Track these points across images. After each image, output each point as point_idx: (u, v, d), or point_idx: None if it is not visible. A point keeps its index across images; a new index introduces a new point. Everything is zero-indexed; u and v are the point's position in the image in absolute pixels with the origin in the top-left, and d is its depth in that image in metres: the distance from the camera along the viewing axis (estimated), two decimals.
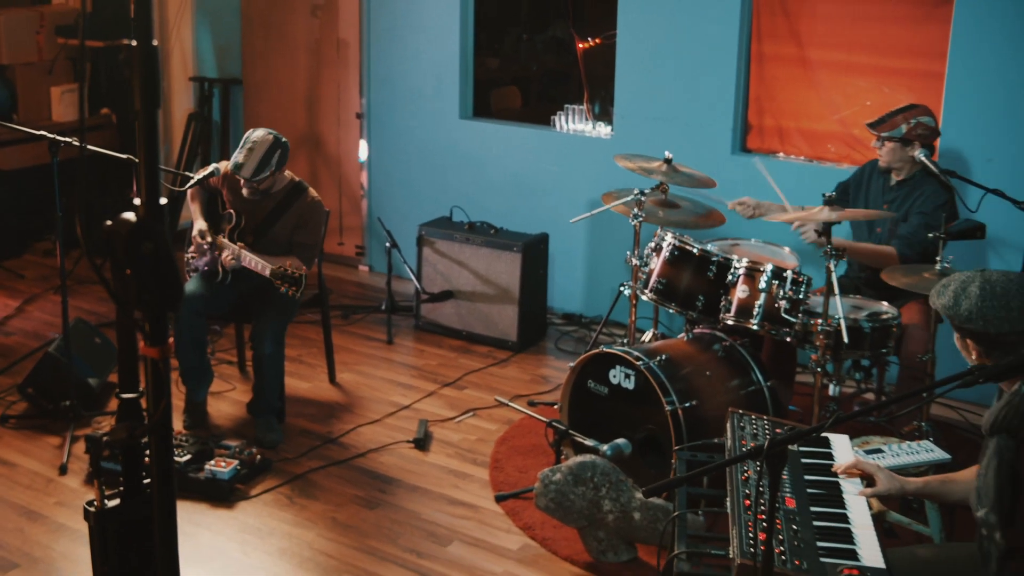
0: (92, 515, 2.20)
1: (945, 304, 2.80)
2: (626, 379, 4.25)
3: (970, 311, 2.75)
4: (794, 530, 2.75)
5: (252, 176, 4.69)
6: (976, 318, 2.74)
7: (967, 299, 2.76)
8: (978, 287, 2.77)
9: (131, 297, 2.01)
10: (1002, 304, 2.73)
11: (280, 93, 7.25)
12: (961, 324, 2.78)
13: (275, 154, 4.71)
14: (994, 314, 2.72)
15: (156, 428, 2.05)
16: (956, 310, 2.77)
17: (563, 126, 6.40)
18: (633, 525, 3.85)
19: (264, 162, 4.69)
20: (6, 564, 3.86)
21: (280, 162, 4.74)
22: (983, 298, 2.75)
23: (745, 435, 3.22)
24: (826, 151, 5.62)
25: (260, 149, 4.69)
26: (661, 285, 4.57)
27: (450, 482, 4.50)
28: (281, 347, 4.82)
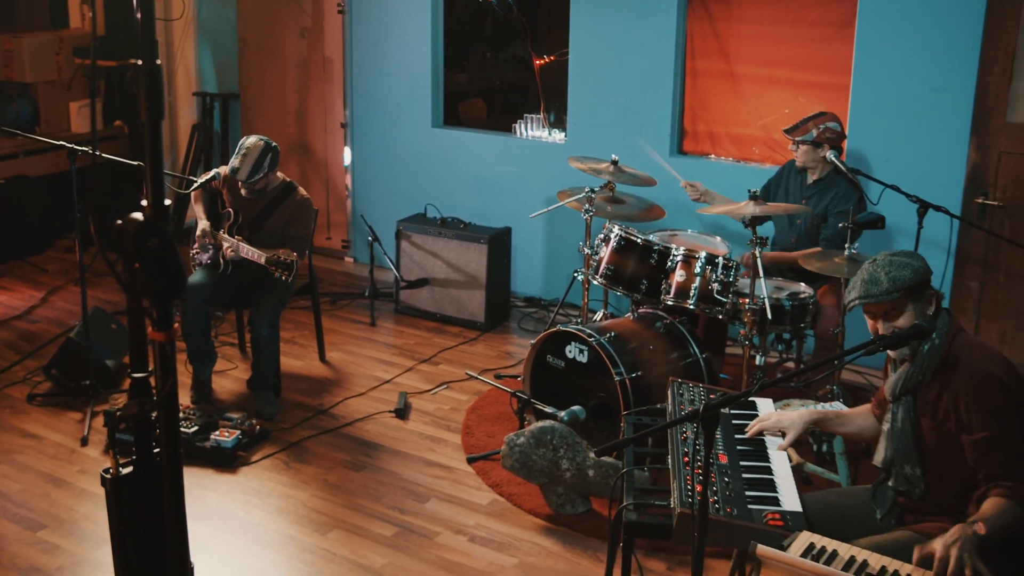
0: (108, 481, 2.17)
1: (861, 293, 2.71)
2: (580, 354, 4.25)
3: (885, 280, 2.67)
4: (726, 482, 2.76)
5: (248, 179, 4.65)
6: (890, 281, 2.68)
7: (874, 280, 2.72)
8: (873, 265, 2.73)
9: (140, 287, 1.99)
10: (900, 261, 2.72)
11: (273, 105, 7.18)
12: (884, 297, 2.68)
13: (267, 157, 4.67)
14: (899, 271, 2.70)
15: (164, 403, 2.02)
16: (874, 287, 2.69)
17: (523, 133, 6.38)
18: (588, 481, 3.85)
19: (258, 165, 4.64)
20: (35, 525, 3.81)
21: (272, 164, 4.70)
22: (884, 266, 2.72)
23: (684, 401, 3.23)
24: (751, 153, 5.64)
25: (253, 154, 4.65)
26: (610, 271, 4.57)
27: (427, 447, 4.49)
28: (277, 330, 4.79)
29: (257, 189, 4.74)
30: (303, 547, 3.73)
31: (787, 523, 2.60)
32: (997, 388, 2.60)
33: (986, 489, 2.58)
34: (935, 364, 2.69)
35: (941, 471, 2.73)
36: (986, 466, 2.59)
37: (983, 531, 2.45)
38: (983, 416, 2.59)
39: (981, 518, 2.48)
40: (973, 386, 2.62)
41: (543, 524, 3.89)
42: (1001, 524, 2.49)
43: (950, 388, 2.66)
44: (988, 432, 2.58)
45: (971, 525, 2.46)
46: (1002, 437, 2.58)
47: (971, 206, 4.90)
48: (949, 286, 5.00)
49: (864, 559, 2.45)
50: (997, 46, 4.72)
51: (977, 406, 2.60)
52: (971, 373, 2.63)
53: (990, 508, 2.52)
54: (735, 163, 5.62)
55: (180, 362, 4.92)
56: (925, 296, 2.72)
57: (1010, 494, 2.53)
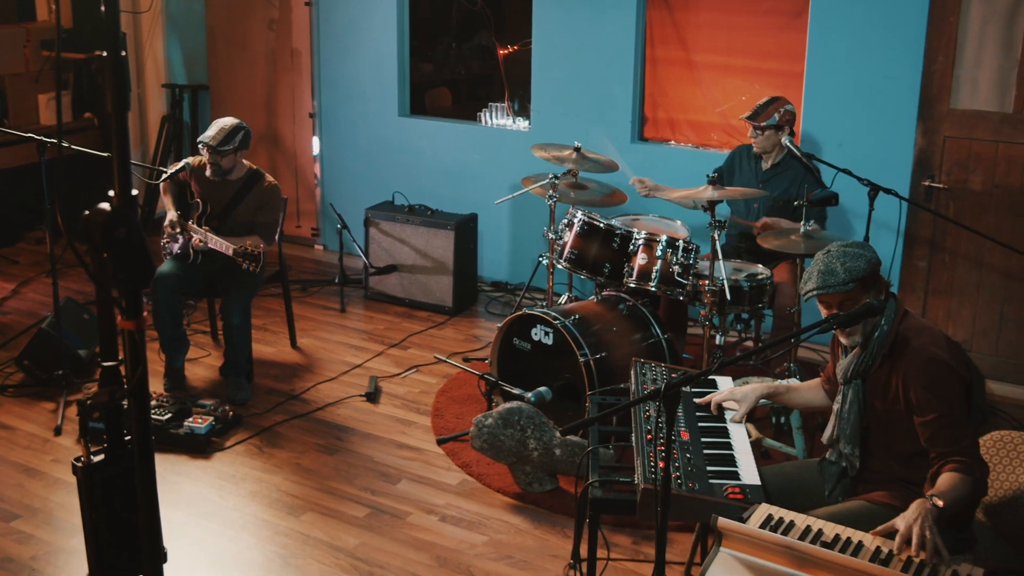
0: (79, 469, 2.14)
1: (818, 284, 2.72)
2: (546, 336, 4.25)
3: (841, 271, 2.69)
4: (688, 458, 2.78)
5: (218, 145, 4.59)
6: (846, 271, 2.69)
7: (831, 271, 2.71)
8: (828, 256, 2.75)
9: (108, 277, 1.96)
10: (854, 252, 2.73)
11: (242, 97, 7.10)
12: (841, 287, 2.69)
13: (239, 133, 4.65)
14: (853, 262, 2.72)
15: (134, 391, 2.00)
16: (831, 278, 2.70)
17: (488, 121, 6.36)
18: (555, 460, 3.86)
19: (229, 137, 4.62)
20: (8, 515, 3.75)
21: (243, 143, 4.66)
22: (839, 257, 2.74)
23: (646, 380, 3.24)
24: (710, 139, 5.65)
25: (227, 128, 4.64)
26: (573, 255, 4.57)
27: (398, 429, 4.48)
28: (248, 317, 4.75)
29: (224, 167, 4.67)
30: (277, 530, 3.70)
31: (746, 496, 2.63)
32: (943, 371, 2.65)
33: (939, 466, 2.63)
34: (884, 349, 2.74)
35: (889, 446, 2.79)
36: (938, 444, 2.64)
37: (941, 504, 2.50)
38: (932, 399, 2.64)
39: (938, 492, 2.53)
40: (921, 371, 2.66)
41: (511, 502, 3.89)
42: (955, 497, 2.55)
43: (899, 372, 2.71)
44: (937, 413, 2.64)
45: (929, 499, 2.50)
46: (951, 416, 2.63)
47: (919, 189, 4.96)
48: (899, 266, 5.05)
49: (819, 528, 2.49)
50: (940, 36, 4.77)
51: (925, 390, 2.65)
52: (918, 358, 2.68)
53: (945, 483, 2.58)
54: (694, 149, 5.64)
55: (153, 350, 4.86)
56: (877, 286, 2.76)
57: (962, 468, 2.59)
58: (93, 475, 2.13)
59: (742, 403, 3.04)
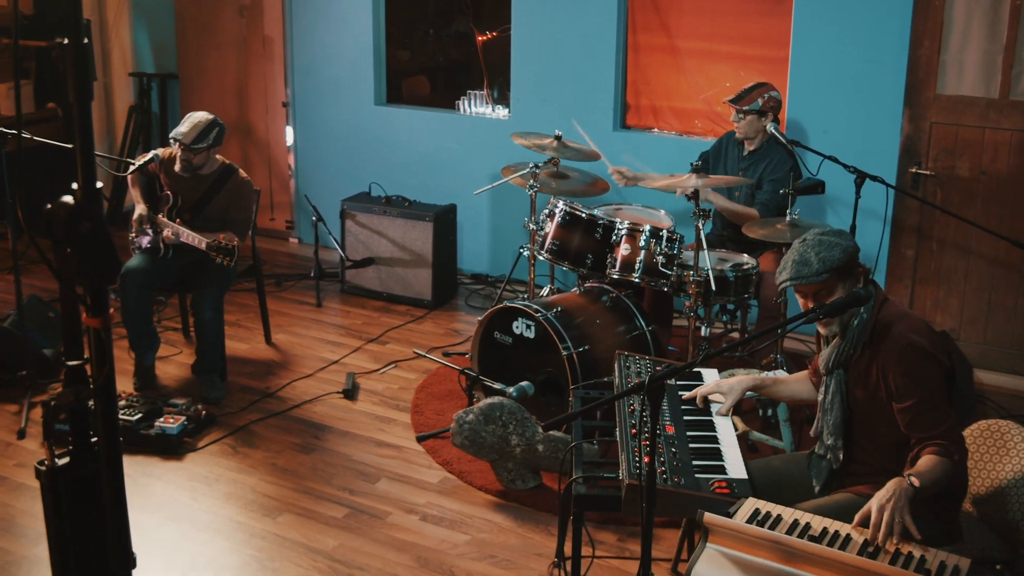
0: (42, 474, 2.11)
1: (792, 275, 2.74)
2: (527, 329, 4.25)
3: (815, 261, 2.72)
4: (673, 452, 2.78)
5: (191, 143, 4.56)
6: (820, 262, 2.71)
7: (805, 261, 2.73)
8: (803, 245, 2.76)
9: (72, 273, 1.93)
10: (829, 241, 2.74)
11: (213, 86, 7.05)
12: (814, 278, 2.72)
13: (213, 131, 4.61)
14: (828, 251, 2.72)
15: (100, 391, 1.97)
16: (805, 269, 2.72)
17: (466, 110, 6.34)
18: (537, 456, 3.86)
19: (203, 135, 4.58)
20: None
21: (216, 140, 4.64)
22: (814, 246, 2.75)
23: (631, 373, 3.24)
24: (693, 126, 5.66)
25: (201, 124, 4.60)
26: (555, 246, 4.57)
27: (376, 427, 4.47)
28: (220, 313, 4.73)
29: (195, 164, 4.64)
30: (253, 532, 3.68)
31: (733, 490, 2.63)
32: (921, 357, 2.68)
33: (919, 449, 2.67)
34: (864, 337, 2.76)
35: (873, 437, 2.82)
36: (917, 430, 2.68)
37: (917, 483, 2.54)
38: (910, 384, 2.68)
39: (915, 472, 2.58)
40: (900, 358, 2.69)
41: (494, 500, 3.89)
42: (933, 478, 2.59)
43: (879, 360, 2.74)
44: (916, 399, 2.67)
45: (907, 478, 2.53)
46: (929, 402, 2.67)
47: (905, 176, 4.98)
48: (886, 254, 5.08)
49: (807, 522, 2.50)
50: (926, 20, 4.78)
51: (904, 376, 2.68)
52: (897, 345, 2.70)
53: (923, 464, 2.62)
54: (677, 136, 5.64)
55: (122, 349, 4.83)
56: (854, 274, 2.77)
57: (940, 452, 2.64)
58: (58, 479, 2.10)
59: (728, 396, 3.05)
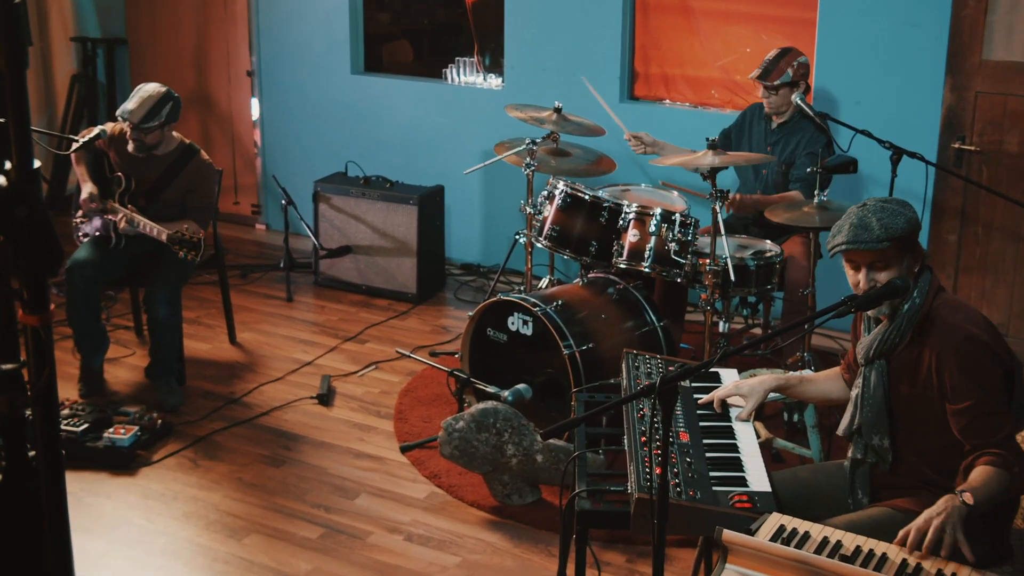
0: None
1: (849, 238, 2.70)
2: (524, 325, 4.25)
3: (876, 226, 2.67)
4: (688, 462, 2.78)
5: (141, 122, 4.54)
6: (881, 228, 2.67)
7: (864, 225, 2.69)
8: (863, 210, 2.72)
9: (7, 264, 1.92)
10: (892, 208, 2.72)
11: (167, 52, 7.03)
12: (874, 244, 2.67)
13: (166, 106, 4.59)
14: (891, 219, 2.69)
15: (40, 398, 1.96)
16: (864, 233, 2.68)
17: (455, 79, 6.34)
18: (536, 467, 3.87)
19: (154, 111, 4.56)
20: None
21: (170, 116, 4.62)
22: (875, 212, 2.72)
23: (640, 374, 3.24)
24: (709, 97, 5.65)
25: (151, 99, 4.57)
26: (555, 232, 4.57)
27: (355, 436, 4.47)
28: (177, 309, 4.73)
29: (147, 143, 4.63)
30: (216, 556, 3.69)
31: (755, 505, 2.64)
32: (982, 353, 2.65)
33: (973, 458, 2.64)
34: (913, 325, 2.73)
35: (916, 441, 2.79)
36: (972, 436, 2.64)
37: (971, 500, 2.51)
38: (968, 383, 2.64)
39: (969, 488, 2.55)
40: (957, 352, 2.66)
41: (488, 517, 3.90)
42: (989, 493, 2.56)
43: (932, 352, 2.70)
44: (974, 400, 2.64)
45: (959, 495, 2.51)
46: (988, 404, 2.63)
47: (947, 152, 4.98)
48: (926, 240, 5.08)
49: (838, 539, 2.49)
50: None
51: (961, 372, 2.65)
52: (955, 338, 2.67)
53: (978, 477, 2.59)
54: (692, 108, 5.64)
55: (66, 349, 4.83)
56: (915, 251, 2.75)
57: (998, 462, 2.59)
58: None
59: (749, 398, 3.04)
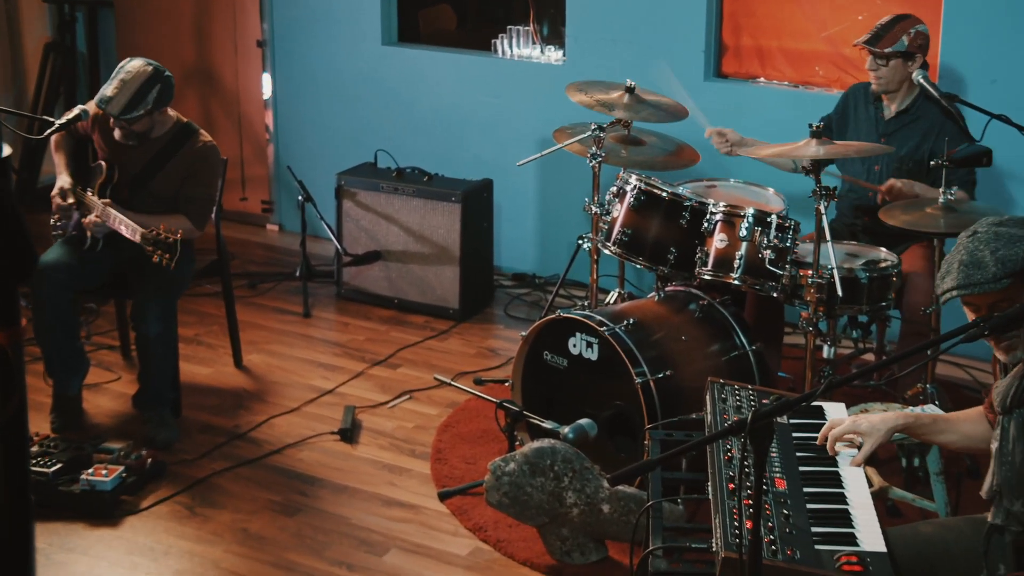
0: None
1: (959, 282, 2.73)
2: (588, 348, 4.30)
3: (991, 261, 2.70)
4: (785, 515, 2.81)
5: (122, 113, 4.57)
6: (997, 263, 2.70)
7: (977, 262, 2.73)
8: (973, 241, 2.75)
9: None
10: (1009, 234, 2.74)
11: (161, 17, 7.10)
12: (991, 285, 2.71)
13: (153, 89, 4.60)
14: (1008, 249, 2.72)
15: (5, 432, 1.96)
16: (977, 273, 2.71)
17: (506, 51, 6.39)
18: (601, 519, 3.89)
19: (138, 97, 4.57)
20: None
21: (160, 100, 4.64)
22: (988, 241, 2.74)
23: (727, 408, 3.27)
24: (813, 74, 5.67)
25: (135, 82, 4.58)
26: (626, 236, 4.60)
27: (384, 479, 4.53)
28: (171, 325, 4.76)
29: (137, 131, 4.68)
30: None
31: (867, 568, 2.65)
32: None
33: None
34: None
35: None
36: None
37: None
38: None
39: None
40: None
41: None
42: None
43: None
44: None
45: None
46: None
47: None
48: None
49: None
50: None
51: None
52: None
53: None
54: (791, 88, 5.66)
55: (36, 374, 4.88)
56: None
57: None
58: None
59: (868, 438, 3.02)
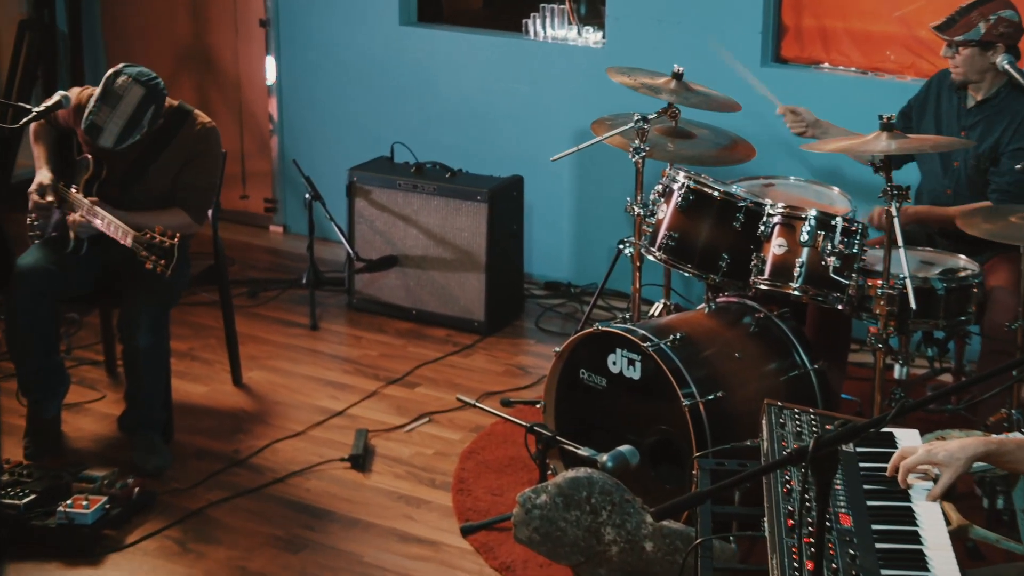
0: None
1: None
2: (630, 366, 4.30)
3: None
4: (851, 556, 2.80)
5: (117, 144, 4.56)
6: None
7: None
8: None
9: None
10: None
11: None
12: None
13: (148, 111, 4.59)
14: None
15: None
16: None
17: (538, 33, 6.40)
18: (644, 558, 3.89)
19: (132, 124, 4.57)
20: None
21: (154, 119, 4.63)
22: None
23: (786, 434, 3.26)
24: (884, 59, 5.65)
25: (126, 107, 4.57)
26: (672, 241, 4.60)
27: (400, 511, 4.53)
28: (163, 337, 4.76)
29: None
30: None
31: None
32: None
33: None
34: None
35: None
36: None
37: None
38: None
39: None
40: None
41: None
42: None
43: None
44: None
45: None
46: None
47: None
48: None
49: None
50: None
51: None
52: None
53: None
54: (860, 75, 5.65)
55: (8, 392, 4.91)
56: None
57: None
58: None
59: (946, 470, 3.01)
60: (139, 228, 4.43)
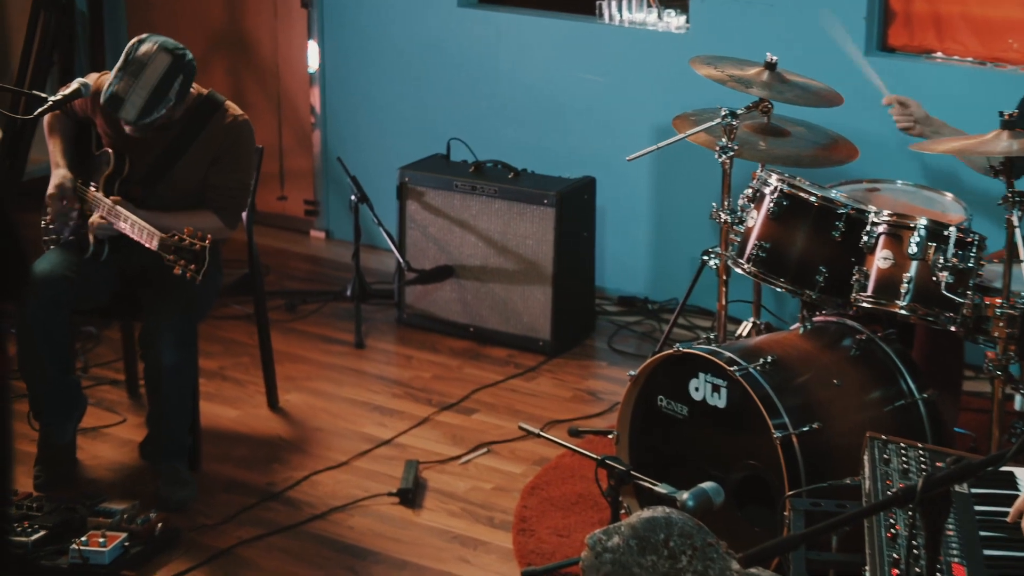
0: None
1: None
2: (714, 393, 4.30)
3: None
4: None
5: (139, 118, 4.57)
6: None
7: None
8: None
9: None
10: None
11: None
12: None
13: (174, 81, 4.62)
14: None
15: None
16: None
17: (614, 16, 6.42)
18: None
19: (157, 96, 4.58)
20: None
21: (182, 92, 4.65)
22: None
23: (891, 472, 3.27)
24: (1006, 48, 5.63)
25: (150, 77, 4.59)
26: (763, 252, 4.61)
27: (455, 553, 4.55)
28: (191, 354, 4.80)
29: (158, 125, 4.70)
30: None
31: None
32: None
33: None
34: None
35: None
36: None
37: None
38: None
39: None
40: None
41: None
42: None
43: None
44: None
45: None
46: None
47: None
48: None
49: None
50: None
51: None
52: None
53: None
54: (978, 66, 5.64)
55: (18, 416, 4.91)
56: None
57: None
58: None
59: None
60: (165, 230, 4.42)
